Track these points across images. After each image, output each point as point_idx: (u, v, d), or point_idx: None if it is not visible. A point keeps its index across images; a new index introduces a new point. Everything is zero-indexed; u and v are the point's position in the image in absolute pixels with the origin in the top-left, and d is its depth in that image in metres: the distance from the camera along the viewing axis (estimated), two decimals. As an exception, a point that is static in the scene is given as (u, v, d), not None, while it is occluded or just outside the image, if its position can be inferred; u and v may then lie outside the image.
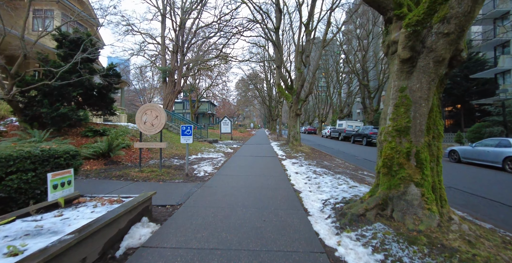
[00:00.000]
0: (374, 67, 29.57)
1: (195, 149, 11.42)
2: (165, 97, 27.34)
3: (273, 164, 8.11)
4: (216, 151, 11.29)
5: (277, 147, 13.96)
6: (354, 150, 15.35)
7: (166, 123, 15.57)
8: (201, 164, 7.86)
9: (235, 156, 9.83)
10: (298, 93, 13.26)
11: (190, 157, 9.48)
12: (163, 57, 28.28)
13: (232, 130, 33.86)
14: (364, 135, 20.67)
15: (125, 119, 17.79)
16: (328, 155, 11.82)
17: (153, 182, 5.45)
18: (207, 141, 15.37)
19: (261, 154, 10.61)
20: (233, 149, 12.71)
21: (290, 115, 14.21)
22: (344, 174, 6.82)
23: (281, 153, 11.50)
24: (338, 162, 9.54)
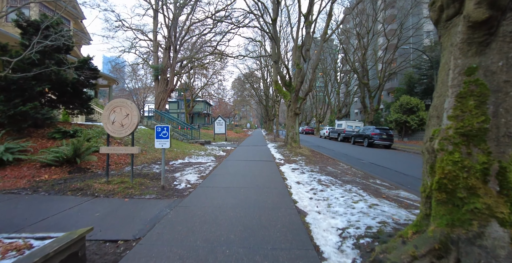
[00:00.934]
0: (374, 66, 28.62)
1: (182, 153, 10.23)
2: (157, 96, 26.11)
3: (270, 171, 6.96)
4: (207, 155, 10.11)
5: (274, 149, 12.83)
6: (356, 152, 14.28)
7: (154, 123, 14.35)
8: (185, 171, 6.68)
9: (227, 161, 8.66)
10: (297, 91, 12.14)
11: (175, 162, 8.29)
12: (155, 54, 27.04)
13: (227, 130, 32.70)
14: (365, 136, 19.65)
15: (110, 118, 16.52)
16: (331, 158, 10.71)
17: (117, 199, 4.26)
18: (198, 143, 14.18)
19: (256, 158, 9.46)
20: (226, 152, 11.55)
21: (288, 115, 13.09)
22: (354, 184, 5.70)
23: (279, 156, 10.37)
24: (343, 167, 8.44)
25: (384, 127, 19.52)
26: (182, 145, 12.30)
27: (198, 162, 8.37)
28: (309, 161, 9.29)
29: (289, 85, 12.47)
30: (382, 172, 8.06)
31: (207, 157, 9.46)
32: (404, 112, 27.71)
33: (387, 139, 18.65)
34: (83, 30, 20.22)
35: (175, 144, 12.03)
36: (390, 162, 10.85)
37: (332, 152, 13.73)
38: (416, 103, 27.13)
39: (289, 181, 5.73)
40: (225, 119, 18.53)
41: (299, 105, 12.74)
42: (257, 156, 10.15)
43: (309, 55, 11.69)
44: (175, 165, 7.78)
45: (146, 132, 12.41)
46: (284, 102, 13.91)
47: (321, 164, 8.90)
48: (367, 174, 7.27)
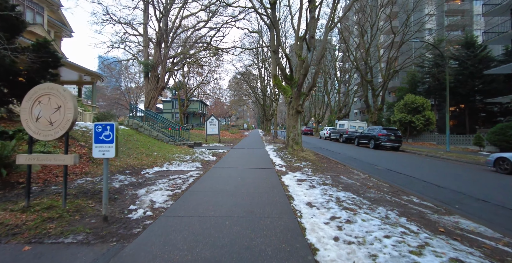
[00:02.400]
0: (377, 63, 27.12)
1: (163, 157, 8.50)
2: (147, 94, 24.38)
3: (269, 184, 5.27)
4: (192, 160, 8.39)
5: (273, 152, 11.15)
6: (365, 156, 12.66)
7: (136, 122, 12.61)
8: (156, 185, 4.96)
9: (215, 169, 6.95)
10: (299, 85, 10.49)
11: (149, 170, 6.56)
12: (145, 50, 25.24)
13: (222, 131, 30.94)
14: (371, 137, 18.07)
15: (90, 118, 14.72)
16: (340, 164, 9.06)
17: (14, 245, 2.54)
18: (186, 145, 12.44)
19: (252, 164, 7.76)
20: (216, 156, 9.84)
21: (289, 113, 11.43)
22: (388, 205, 4.05)
23: (279, 161, 8.69)
24: (359, 176, 6.79)
25: (391, 128, 17.97)
26: (166, 148, 10.57)
27: (178, 171, 6.65)
28: (317, 168, 7.63)
29: (290, 78, 10.80)
30: (408, 183, 6.42)
31: (192, 164, 7.75)
32: (408, 111, 26.28)
33: (395, 141, 17.10)
34: (62, 21, 18.38)
35: (157, 147, 10.30)
36: (410, 168, 9.23)
37: (339, 156, 12.10)
38: (421, 102, 25.74)
39: (297, 202, 4.05)
40: (218, 119, 16.81)
41: (302, 102, 11.09)
42: (253, 161, 8.45)
43: (313, 43, 10.05)
44: (147, 175, 6.06)
45: (124, 132, 10.66)
46: (284, 99, 12.24)
47: (331, 172, 7.24)
48: (394, 187, 5.62)
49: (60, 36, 19.30)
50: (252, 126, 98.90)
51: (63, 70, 19.04)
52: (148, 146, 9.93)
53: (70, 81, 22.47)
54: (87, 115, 14.51)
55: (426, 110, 25.65)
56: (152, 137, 12.30)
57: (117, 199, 4.08)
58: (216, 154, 10.55)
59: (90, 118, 14.68)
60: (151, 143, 10.73)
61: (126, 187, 4.82)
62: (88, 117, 14.55)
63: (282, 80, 11.13)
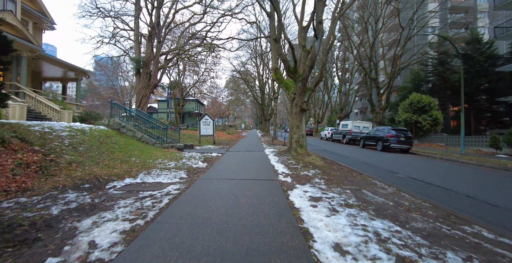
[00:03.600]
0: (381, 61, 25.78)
1: (142, 164, 7.01)
2: (138, 92, 22.79)
3: (274, 208, 3.79)
4: (177, 168, 6.91)
5: (274, 156, 9.68)
6: (376, 160, 11.27)
7: (118, 122, 11.10)
8: (112, 212, 3.46)
9: (202, 181, 5.47)
10: (304, 79, 9.04)
11: (118, 183, 5.07)
12: (137, 45, 23.65)
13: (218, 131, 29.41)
14: (379, 138, 16.70)
15: (69, 117, 13.15)
16: (354, 171, 7.62)
17: None
18: (175, 148, 10.95)
19: (249, 174, 6.29)
20: (208, 162, 8.37)
21: (292, 111, 9.98)
22: (457, 248, 2.62)
23: (282, 168, 7.25)
24: (386, 190, 5.35)
25: (401, 128, 16.61)
26: (150, 152, 9.07)
27: (154, 184, 5.17)
28: (329, 179, 6.19)
29: (294, 71, 9.36)
30: (450, 199, 5.00)
31: (176, 173, 6.26)
32: (414, 111, 24.98)
33: (406, 142, 15.74)
34: (42, 11, 16.79)
35: (139, 151, 8.80)
36: (435, 175, 7.83)
37: (348, 160, 10.68)
38: (428, 101, 24.45)
39: (319, 245, 2.60)
40: (213, 118, 15.33)
41: (308, 99, 9.67)
42: (250, 169, 6.98)
43: (321, 29, 8.61)
44: (111, 191, 4.57)
45: (102, 133, 9.14)
46: (286, 96, 10.80)
47: (348, 183, 5.80)
48: (441, 209, 4.18)
49: (40, 27, 17.70)
50: (250, 126, 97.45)
51: (45, 66, 17.50)
52: (128, 150, 8.43)
53: (53, 78, 20.88)
54: (65, 114, 12.95)
55: (433, 110, 24.36)
56: (135, 139, 10.79)
57: (39, 240, 2.61)
58: (207, 159, 9.07)
59: (69, 117, 13.12)
60: (132, 146, 9.23)
61: (68, 214, 3.34)
62: (67, 117, 12.99)
63: (284, 74, 9.67)
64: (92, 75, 20.23)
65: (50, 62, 15.73)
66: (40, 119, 12.50)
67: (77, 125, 9.02)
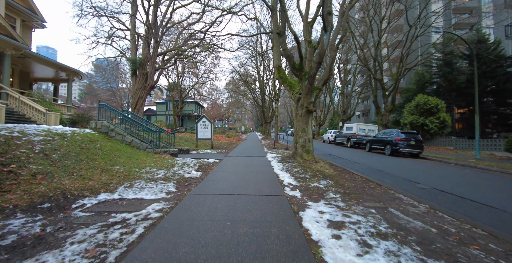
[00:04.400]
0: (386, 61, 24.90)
1: (127, 174, 6.03)
2: (134, 94, 21.90)
3: (284, 242, 2.82)
4: (166, 179, 5.93)
5: (277, 163, 8.70)
6: (389, 166, 10.29)
7: (106, 125, 10.14)
8: (57, 252, 2.50)
9: (193, 198, 4.48)
10: (311, 77, 8.10)
11: (89, 201, 4.09)
12: (133, 45, 22.79)
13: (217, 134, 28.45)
14: (387, 142, 15.73)
15: (55, 120, 12.20)
16: (371, 181, 6.64)
17: None
18: (168, 153, 9.96)
19: (250, 186, 5.30)
20: (203, 170, 7.39)
21: (297, 113, 9.02)
22: None
23: (288, 178, 6.26)
24: (417, 208, 4.37)
25: (411, 131, 15.64)
26: (138, 159, 8.09)
27: (133, 202, 4.19)
28: (346, 192, 5.21)
29: (300, 68, 8.41)
30: (501, 222, 4.01)
31: (163, 185, 5.28)
32: (421, 113, 24.06)
33: (416, 146, 14.76)
34: (32, 8, 15.92)
35: (125, 158, 7.82)
36: (464, 187, 6.84)
37: (358, 166, 9.70)
38: (435, 103, 23.54)
39: None
40: (211, 120, 14.37)
41: (315, 99, 8.73)
42: (252, 180, 5.99)
43: (331, 21, 7.68)
44: (75, 213, 3.59)
45: (86, 138, 8.18)
46: (291, 96, 9.86)
47: (370, 199, 4.82)
48: (502, 239, 3.20)
49: (30, 25, 16.83)
50: (250, 129, 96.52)
51: (34, 66, 16.58)
52: (113, 157, 7.45)
53: (44, 79, 19.96)
54: (51, 116, 11.99)
55: (440, 112, 23.44)
56: (125, 144, 9.82)
57: None
58: (203, 166, 8.08)
59: (56, 120, 12.16)
60: (119, 152, 8.26)
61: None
62: (53, 119, 12.03)
63: (290, 72, 8.74)
64: (85, 76, 19.27)
65: (38, 61, 14.83)
66: (23, 122, 11.56)
67: (58, 129, 8.06)
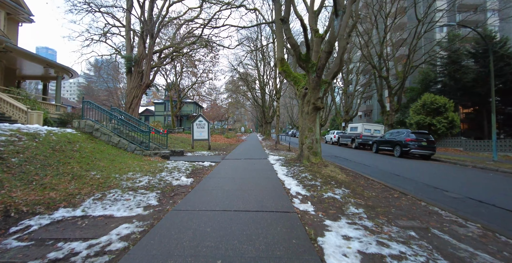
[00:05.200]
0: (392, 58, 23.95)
1: (103, 181, 5.02)
2: (129, 93, 20.94)
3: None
4: (148, 188, 4.92)
5: (281, 166, 7.69)
6: (403, 169, 9.29)
7: (90, 124, 9.13)
8: None
9: (174, 216, 3.46)
10: (319, 69, 7.10)
11: (38, 221, 3.08)
12: (128, 42, 21.86)
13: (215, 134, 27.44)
14: (396, 143, 14.73)
15: (38, 119, 11.18)
16: (392, 188, 5.63)
17: None
18: (159, 155, 8.96)
19: (251, 199, 4.29)
20: (195, 176, 6.39)
21: (303, 111, 8.03)
22: None
23: (295, 186, 5.26)
24: (467, 229, 3.36)
25: (422, 131, 14.66)
26: (122, 162, 7.08)
27: (98, 221, 3.19)
28: (368, 205, 4.21)
29: (306, 59, 7.42)
30: None
31: (143, 197, 4.28)
32: (427, 113, 23.08)
33: (428, 148, 13.77)
34: (17, 0, 14.91)
35: (107, 161, 6.82)
36: (501, 195, 5.84)
37: (370, 170, 8.70)
38: (443, 102, 22.56)
39: None
40: (208, 120, 13.37)
41: (323, 94, 7.75)
42: (252, 188, 4.98)
43: (342, 3, 6.71)
44: (7, 242, 2.59)
45: (64, 139, 7.17)
46: (296, 92, 8.87)
47: (400, 214, 3.81)
48: None
49: (16, 19, 15.84)
50: (250, 129, 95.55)
51: (20, 62, 15.59)
52: (92, 160, 6.45)
53: (32, 76, 18.93)
54: (34, 115, 10.99)
55: (448, 111, 22.45)
56: (111, 145, 8.82)
57: None
58: (196, 171, 7.08)
59: (38, 119, 11.15)
60: (101, 155, 7.25)
61: None
62: (35, 118, 11.02)
63: (295, 64, 7.79)
64: (76, 74, 18.27)
65: (23, 56, 13.84)
66: (2, 121, 10.54)
67: (32, 128, 7.05)
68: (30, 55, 13.97)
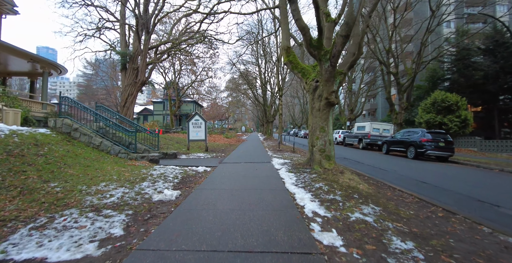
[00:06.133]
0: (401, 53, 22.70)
1: (63, 195, 3.85)
2: (124, 90, 19.81)
3: None
4: (118, 207, 3.74)
5: (288, 173, 6.51)
6: (426, 174, 8.10)
7: (68, 124, 7.97)
8: None
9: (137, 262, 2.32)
10: (334, 57, 5.90)
11: None
12: (122, 37, 20.73)
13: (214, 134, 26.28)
14: (410, 143, 13.52)
15: (15, 118, 9.98)
16: (433, 205, 4.46)
17: None
18: (147, 159, 7.79)
19: (252, 226, 3.11)
20: (183, 187, 5.21)
21: (314, 107, 6.85)
22: None
23: (310, 202, 4.08)
24: None
25: (439, 131, 13.47)
26: (100, 168, 5.92)
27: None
28: (415, 234, 3.02)
29: (318, 46, 6.22)
30: None
31: (105, 222, 3.10)
32: (438, 111, 21.84)
33: (446, 149, 12.58)
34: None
35: (80, 168, 5.66)
36: None
37: (390, 175, 7.53)
38: (455, 100, 21.32)
39: None
40: (205, 119, 12.20)
41: (337, 87, 6.57)
42: (254, 209, 3.80)
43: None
44: None
45: (29, 141, 6.02)
46: (304, 85, 7.69)
47: (468, 251, 2.64)
48: None
49: None
50: (250, 129, 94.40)
51: (4, 57, 14.46)
52: (59, 167, 5.29)
53: (19, 72, 17.75)
54: (10, 113, 9.80)
55: (461, 110, 21.20)
56: (92, 147, 7.66)
57: None
58: (187, 179, 5.91)
59: (16, 117, 9.95)
60: (75, 159, 6.09)
61: None
62: (12, 117, 9.84)
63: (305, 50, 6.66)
64: (65, 70, 17.09)
65: (4, 50, 12.70)
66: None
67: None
68: (11, 48, 12.81)
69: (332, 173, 5.93)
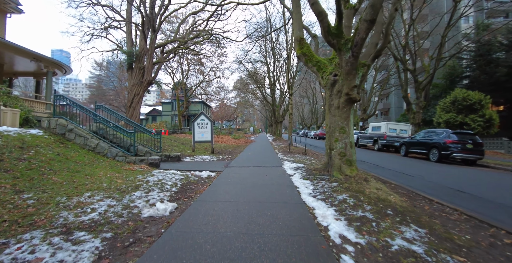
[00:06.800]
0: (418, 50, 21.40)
1: (36, 209, 3.16)
2: (130, 90, 19.40)
3: None
4: (96, 226, 3.02)
5: (303, 180, 5.68)
6: (462, 182, 7.08)
7: (63, 124, 7.39)
8: None
9: None
10: (356, 46, 5.04)
11: None
12: (129, 35, 20.38)
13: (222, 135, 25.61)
14: (432, 145, 12.42)
15: (13, 119, 9.55)
16: (488, 223, 3.54)
17: None
18: (146, 162, 7.11)
19: (264, 258, 2.35)
20: (182, 197, 4.47)
21: (332, 105, 5.99)
22: None
23: (333, 220, 3.26)
24: None
25: (466, 132, 12.30)
26: (91, 173, 5.25)
27: None
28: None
29: (338, 33, 5.36)
30: None
31: (76, 248, 2.37)
32: (459, 110, 20.44)
33: (475, 151, 11.42)
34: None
35: (68, 173, 5.01)
36: None
37: (418, 182, 6.58)
38: (478, 98, 19.89)
39: None
40: (211, 119, 11.49)
41: (360, 82, 5.71)
42: (267, 234, 3.00)
43: None
44: None
45: (16, 143, 5.43)
46: (319, 80, 6.84)
47: None
48: None
49: (3, 10, 14.45)
50: (259, 129, 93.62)
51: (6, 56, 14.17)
52: (43, 173, 4.65)
53: (24, 72, 17.61)
54: (8, 113, 9.37)
55: (484, 109, 19.75)
56: (87, 149, 7.05)
57: None
58: (187, 186, 5.17)
59: (14, 117, 9.51)
60: (63, 164, 5.45)
61: None
62: (9, 117, 9.40)
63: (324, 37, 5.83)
64: (70, 70, 16.79)
65: (7, 49, 12.40)
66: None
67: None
68: (13, 47, 12.49)
69: (355, 181, 5.06)
